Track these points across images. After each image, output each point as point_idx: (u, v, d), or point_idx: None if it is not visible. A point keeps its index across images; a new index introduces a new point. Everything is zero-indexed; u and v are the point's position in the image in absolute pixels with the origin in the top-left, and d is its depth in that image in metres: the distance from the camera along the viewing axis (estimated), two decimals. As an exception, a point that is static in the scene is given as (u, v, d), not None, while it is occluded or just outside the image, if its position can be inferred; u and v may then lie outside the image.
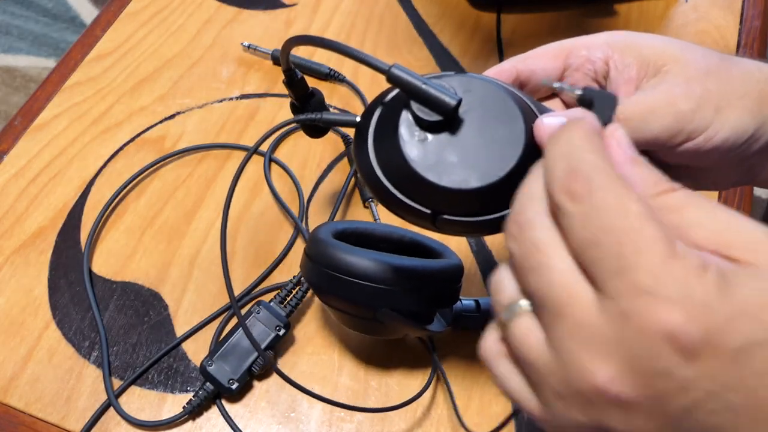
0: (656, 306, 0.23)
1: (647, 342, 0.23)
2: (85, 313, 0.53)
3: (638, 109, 0.35)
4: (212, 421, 0.49)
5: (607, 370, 0.24)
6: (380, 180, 0.35)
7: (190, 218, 0.58)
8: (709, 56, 0.37)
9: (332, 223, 0.50)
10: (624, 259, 0.23)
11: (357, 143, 0.37)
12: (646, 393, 0.23)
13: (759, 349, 0.22)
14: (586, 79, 0.39)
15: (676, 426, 0.24)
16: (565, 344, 0.25)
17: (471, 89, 0.35)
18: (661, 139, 0.36)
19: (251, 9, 0.73)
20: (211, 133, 0.63)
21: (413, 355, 0.52)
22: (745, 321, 0.22)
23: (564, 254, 0.25)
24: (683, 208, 0.26)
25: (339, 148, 0.63)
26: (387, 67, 0.34)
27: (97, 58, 0.68)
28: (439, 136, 0.34)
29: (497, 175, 0.34)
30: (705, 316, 0.22)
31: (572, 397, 0.25)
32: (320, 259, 0.46)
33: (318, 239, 0.47)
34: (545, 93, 0.40)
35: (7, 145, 0.62)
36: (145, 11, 0.72)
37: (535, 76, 0.39)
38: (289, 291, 0.52)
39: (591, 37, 0.39)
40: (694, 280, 0.23)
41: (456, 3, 0.74)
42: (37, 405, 0.50)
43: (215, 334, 0.52)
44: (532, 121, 0.35)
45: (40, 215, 0.58)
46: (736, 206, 0.59)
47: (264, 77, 0.67)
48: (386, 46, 0.69)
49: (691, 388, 0.23)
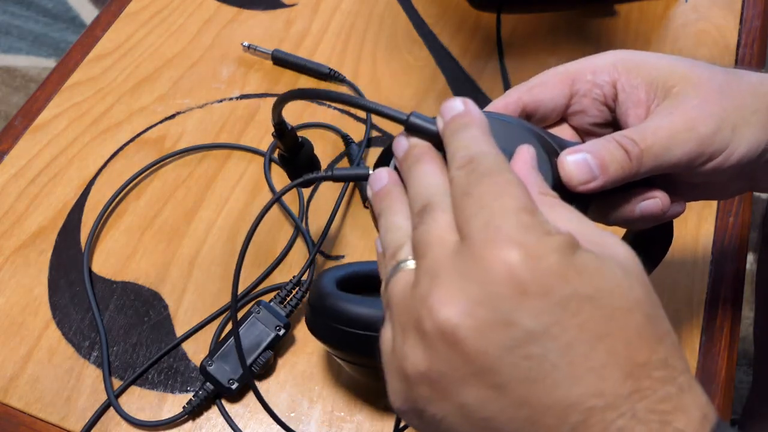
0: (501, 244, 0.25)
1: (488, 277, 0.25)
2: (85, 313, 0.53)
3: (658, 137, 0.35)
4: (212, 421, 0.49)
5: (450, 309, 0.25)
6: None
7: (190, 218, 0.58)
8: (717, 73, 0.37)
9: (332, 271, 0.48)
10: (485, 203, 0.26)
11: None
12: (475, 327, 0.25)
13: (587, 303, 0.25)
14: (595, 104, 0.38)
15: (495, 367, 0.25)
16: (420, 282, 0.27)
17: (492, 132, 0.34)
18: (683, 163, 0.35)
19: (251, 9, 0.73)
20: (211, 133, 0.63)
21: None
22: (578, 277, 0.25)
23: (448, 215, 0.28)
24: (556, 207, 0.29)
25: (339, 148, 0.63)
26: (405, 116, 0.33)
27: (97, 58, 0.68)
28: None
29: None
30: (543, 262, 0.25)
31: (415, 331, 0.26)
32: (330, 313, 0.44)
33: (324, 293, 0.45)
34: (553, 120, 0.40)
35: (7, 145, 0.62)
36: (145, 11, 0.72)
37: (542, 106, 0.38)
38: (289, 291, 0.52)
39: (596, 59, 0.38)
40: (542, 234, 0.26)
41: (456, 3, 0.74)
42: (37, 405, 0.50)
43: (215, 334, 0.52)
44: (555, 157, 0.35)
45: (40, 215, 0.58)
46: (736, 206, 0.59)
47: (264, 77, 0.67)
48: (386, 46, 0.69)
49: (515, 324, 0.25)
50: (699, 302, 0.55)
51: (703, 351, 0.53)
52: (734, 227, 0.58)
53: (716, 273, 0.56)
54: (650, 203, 0.36)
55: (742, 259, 0.57)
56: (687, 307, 0.55)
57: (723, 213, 0.59)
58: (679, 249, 0.57)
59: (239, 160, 0.62)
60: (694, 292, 0.55)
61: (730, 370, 0.52)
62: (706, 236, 0.58)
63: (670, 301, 0.55)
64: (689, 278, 0.56)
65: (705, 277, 0.56)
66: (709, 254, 0.57)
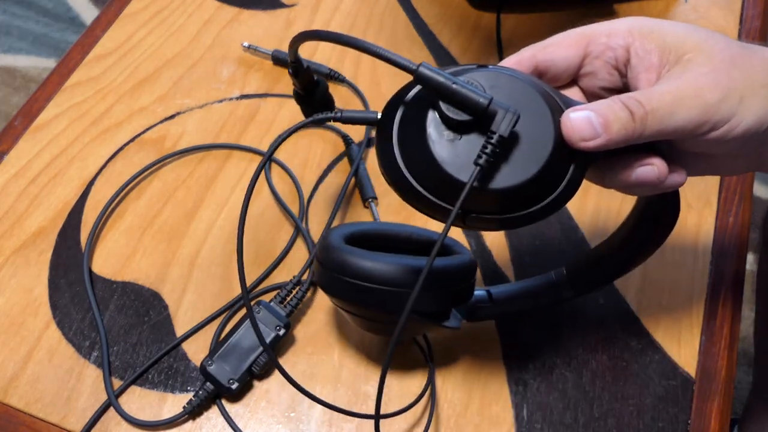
0: None
1: None
2: (85, 313, 0.54)
3: (664, 100, 0.35)
4: (212, 421, 0.49)
5: None
6: (408, 180, 0.35)
7: (190, 218, 0.58)
8: (732, 45, 0.37)
9: (340, 228, 0.49)
10: None
11: (380, 142, 0.36)
12: None
13: None
14: (607, 67, 0.38)
15: None
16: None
17: (497, 85, 0.34)
18: (687, 129, 0.35)
19: (251, 9, 0.73)
20: (211, 134, 0.63)
21: (413, 355, 0.52)
22: None
23: None
24: None
25: (339, 148, 0.63)
26: (414, 66, 0.33)
27: (97, 58, 0.68)
28: (468, 135, 0.34)
29: (528, 175, 0.34)
30: None
31: None
32: (336, 266, 0.44)
33: (331, 246, 0.46)
34: (565, 81, 0.40)
35: (7, 145, 0.62)
36: (145, 11, 0.72)
37: (554, 65, 0.38)
38: (289, 291, 0.52)
39: (612, 24, 0.39)
40: None
41: (456, 3, 0.74)
42: (38, 405, 0.50)
43: (215, 334, 0.52)
44: (559, 116, 0.35)
45: (40, 215, 0.58)
46: (736, 206, 0.59)
47: (264, 77, 0.67)
48: (386, 46, 0.69)
49: None
50: (699, 302, 0.55)
51: (703, 351, 0.53)
52: (734, 227, 0.58)
53: (716, 273, 0.56)
54: (647, 170, 0.36)
55: (742, 259, 0.57)
56: (687, 307, 0.55)
57: (723, 213, 0.59)
58: (679, 249, 0.57)
59: (239, 160, 0.62)
60: (694, 292, 0.55)
61: (730, 370, 0.52)
62: (706, 236, 0.58)
63: (670, 301, 0.55)
64: (689, 278, 0.56)
65: (705, 277, 0.56)
66: (709, 254, 0.57)
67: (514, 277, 0.56)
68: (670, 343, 0.53)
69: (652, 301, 0.55)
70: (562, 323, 0.54)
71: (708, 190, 0.60)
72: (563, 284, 0.51)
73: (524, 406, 0.50)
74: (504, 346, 0.53)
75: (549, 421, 0.50)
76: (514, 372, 0.52)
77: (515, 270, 0.56)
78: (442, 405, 0.50)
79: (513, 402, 0.50)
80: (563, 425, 0.50)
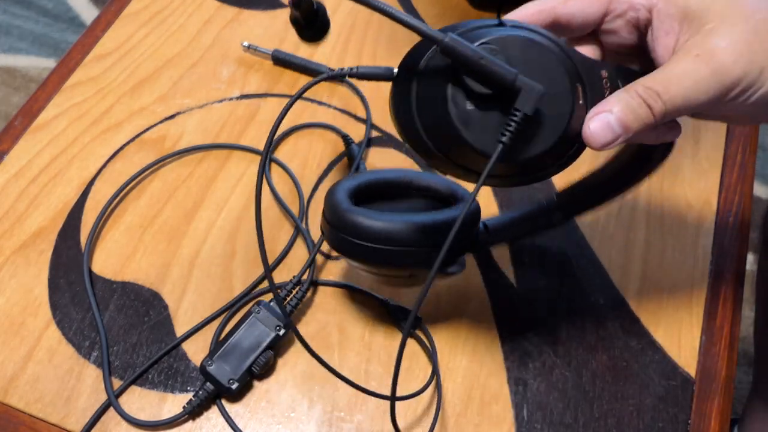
0: None
1: None
2: (85, 313, 0.53)
3: (683, 86, 0.35)
4: (212, 421, 0.49)
5: None
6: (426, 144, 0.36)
7: (190, 218, 0.58)
8: (758, 11, 0.36)
9: (344, 182, 0.49)
10: None
11: (397, 101, 0.37)
12: None
13: None
14: (627, 26, 0.38)
15: None
16: None
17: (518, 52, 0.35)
18: (705, 107, 0.36)
19: (251, 9, 0.73)
20: (211, 133, 0.63)
21: (414, 355, 0.52)
22: None
23: None
24: None
25: (339, 148, 0.63)
26: (441, 36, 0.33)
27: (97, 58, 0.68)
28: (488, 105, 0.34)
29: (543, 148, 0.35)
30: None
31: None
32: (345, 227, 0.45)
33: (339, 208, 0.46)
34: (581, 35, 0.40)
35: (7, 145, 0.62)
36: (145, 11, 0.72)
37: (574, 19, 0.38)
38: (289, 291, 0.52)
39: None
40: None
41: (456, 3, 0.74)
42: (37, 405, 0.50)
43: (215, 334, 0.52)
44: (578, 84, 0.36)
45: (40, 215, 0.58)
46: (736, 206, 0.59)
47: (264, 77, 0.67)
48: (386, 46, 0.69)
49: None
50: (699, 303, 0.55)
51: (703, 351, 0.53)
52: (734, 227, 0.59)
53: (716, 273, 0.56)
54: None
55: (742, 259, 0.57)
56: (687, 307, 0.55)
57: (723, 213, 0.59)
58: (680, 249, 0.57)
59: (239, 160, 0.62)
60: (694, 293, 0.55)
61: (730, 370, 0.52)
62: (706, 236, 0.58)
63: (670, 301, 0.55)
64: (689, 278, 0.56)
65: (705, 277, 0.56)
66: (709, 254, 0.57)
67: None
68: (670, 343, 0.53)
69: (652, 302, 0.55)
70: (562, 323, 0.54)
71: (708, 190, 0.60)
72: (553, 210, 0.52)
73: (524, 406, 0.50)
74: (504, 346, 0.53)
75: (549, 421, 0.50)
76: (514, 372, 0.52)
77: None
78: (443, 405, 0.50)
79: (513, 402, 0.50)
80: (563, 425, 0.50)
